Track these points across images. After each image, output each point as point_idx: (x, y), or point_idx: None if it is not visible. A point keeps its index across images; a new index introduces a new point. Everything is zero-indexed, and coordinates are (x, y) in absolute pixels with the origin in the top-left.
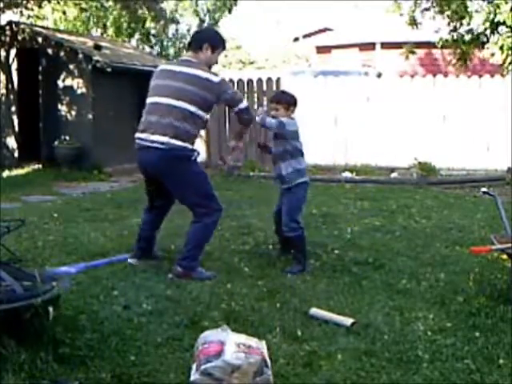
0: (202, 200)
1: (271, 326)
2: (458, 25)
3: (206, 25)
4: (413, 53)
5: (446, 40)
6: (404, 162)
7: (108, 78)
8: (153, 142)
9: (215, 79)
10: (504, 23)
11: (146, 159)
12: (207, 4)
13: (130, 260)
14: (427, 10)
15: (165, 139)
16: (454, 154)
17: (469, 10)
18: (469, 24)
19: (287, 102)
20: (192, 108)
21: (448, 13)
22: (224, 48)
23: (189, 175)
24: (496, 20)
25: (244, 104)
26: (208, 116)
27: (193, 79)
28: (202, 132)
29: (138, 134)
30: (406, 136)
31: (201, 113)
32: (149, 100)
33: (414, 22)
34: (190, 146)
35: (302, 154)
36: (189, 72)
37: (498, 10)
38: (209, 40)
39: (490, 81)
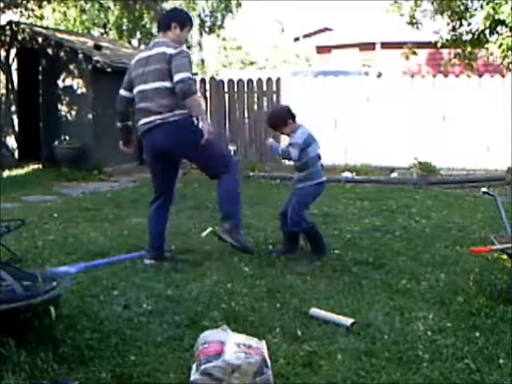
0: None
1: (271, 326)
2: (457, 25)
3: (207, 25)
4: (414, 53)
5: (447, 40)
6: (404, 162)
7: (108, 78)
8: (150, 122)
9: (171, 51)
10: (504, 23)
11: (153, 139)
12: (208, 5)
13: (146, 261)
14: (428, 10)
15: (160, 116)
16: (454, 154)
17: (469, 9)
18: (469, 24)
19: (280, 121)
20: (167, 84)
21: (448, 13)
22: (191, 25)
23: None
24: (496, 18)
25: (183, 75)
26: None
27: (158, 57)
28: None
29: (138, 123)
30: (406, 136)
31: (170, 84)
32: (135, 90)
33: (413, 22)
34: (175, 114)
35: (309, 164)
36: (156, 52)
37: (498, 10)
38: (176, 19)
39: (489, 81)
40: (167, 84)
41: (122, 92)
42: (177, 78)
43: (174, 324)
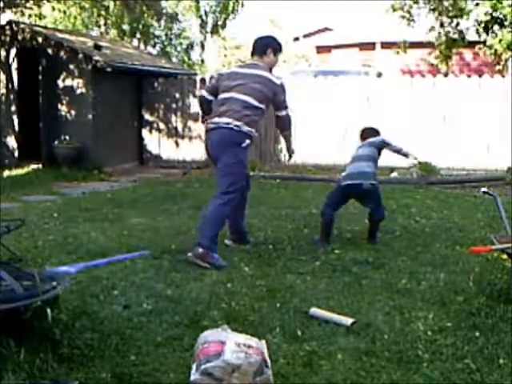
0: (230, 183)
1: (271, 326)
2: (446, 21)
3: (208, 25)
4: (404, 51)
5: (444, 39)
6: (404, 162)
7: (108, 78)
8: (218, 123)
9: (277, 81)
10: (502, 21)
11: (212, 138)
12: (210, 5)
13: (226, 241)
14: (424, 7)
15: (229, 120)
16: (454, 154)
17: (464, 8)
18: (457, 24)
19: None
20: (254, 102)
21: (440, 10)
22: (281, 51)
23: (234, 157)
24: (496, 15)
25: (287, 111)
26: (264, 106)
27: (259, 79)
28: (202, 132)
29: (209, 120)
30: (406, 136)
31: (260, 105)
32: (221, 96)
33: (409, 20)
34: (245, 129)
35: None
36: (256, 73)
37: (498, 6)
38: (271, 45)
39: (489, 81)
40: (253, 102)
41: (206, 94)
42: (280, 112)
43: (174, 324)
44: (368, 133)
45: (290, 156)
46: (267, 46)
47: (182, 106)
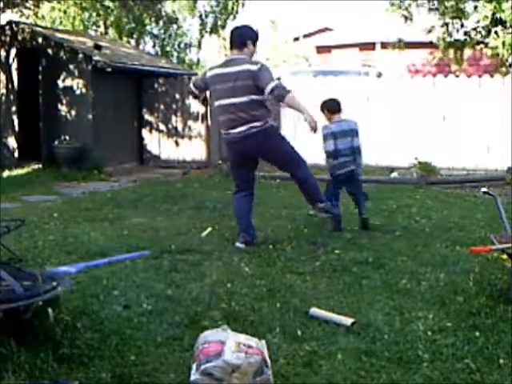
0: (289, 159)
1: (271, 326)
2: (450, 22)
3: (208, 26)
4: (402, 48)
5: (444, 39)
6: (404, 162)
7: (108, 78)
8: (239, 132)
9: (253, 67)
10: (503, 22)
11: (242, 147)
12: (210, 5)
13: (238, 244)
14: (421, 6)
15: (245, 127)
16: (454, 154)
17: (464, 9)
18: (462, 26)
19: (322, 108)
20: (251, 97)
21: (443, 10)
22: (258, 38)
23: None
24: (497, 17)
25: (271, 85)
26: (264, 96)
27: (240, 75)
28: (203, 132)
29: (225, 131)
30: (406, 136)
31: (256, 96)
32: (217, 103)
33: (407, 18)
34: (260, 123)
35: (330, 156)
36: (236, 70)
37: (499, 8)
38: (249, 36)
39: (489, 81)
40: (247, 98)
41: (193, 89)
42: (268, 88)
43: (174, 324)
44: (330, 105)
45: (312, 128)
46: (246, 38)
47: (182, 105)
